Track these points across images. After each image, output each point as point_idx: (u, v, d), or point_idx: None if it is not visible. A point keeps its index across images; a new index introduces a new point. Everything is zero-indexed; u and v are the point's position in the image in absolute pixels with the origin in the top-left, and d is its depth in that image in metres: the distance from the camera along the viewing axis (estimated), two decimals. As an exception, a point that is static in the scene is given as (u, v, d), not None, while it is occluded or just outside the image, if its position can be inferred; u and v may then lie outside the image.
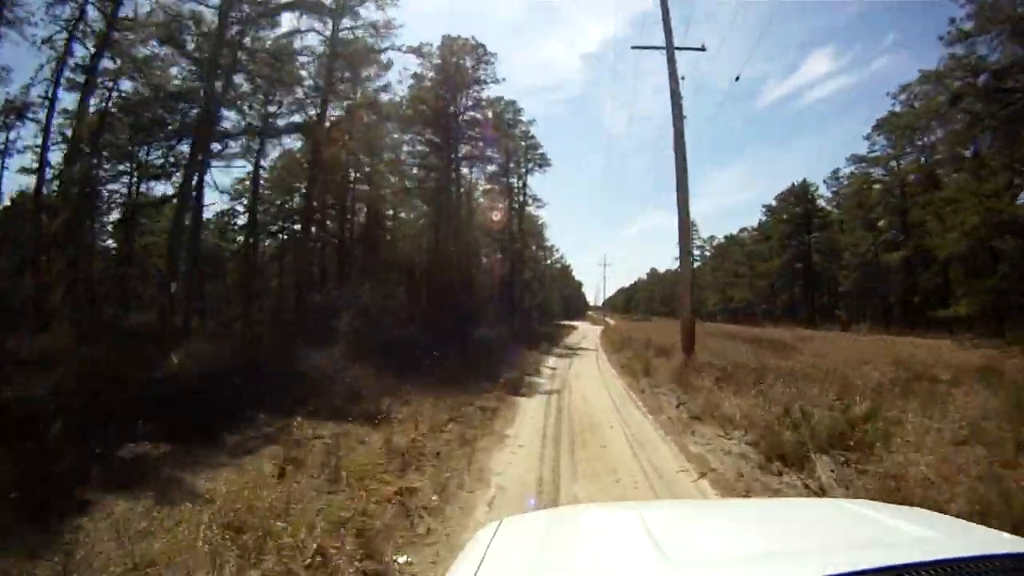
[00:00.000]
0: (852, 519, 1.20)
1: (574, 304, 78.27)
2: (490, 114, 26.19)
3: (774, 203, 40.54)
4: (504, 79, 31.83)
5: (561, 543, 1.10)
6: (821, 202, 38.48)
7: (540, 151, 35.09)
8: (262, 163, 23.01)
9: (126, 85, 17.18)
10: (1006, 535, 1.02)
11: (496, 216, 31.96)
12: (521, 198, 35.49)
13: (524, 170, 35.13)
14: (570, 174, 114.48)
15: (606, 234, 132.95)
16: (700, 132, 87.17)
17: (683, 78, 13.17)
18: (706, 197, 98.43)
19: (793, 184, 36.92)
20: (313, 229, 27.52)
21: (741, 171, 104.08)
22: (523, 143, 34.08)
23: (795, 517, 1.30)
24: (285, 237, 31.07)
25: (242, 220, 27.81)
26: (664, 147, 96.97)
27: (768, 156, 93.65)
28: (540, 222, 47.67)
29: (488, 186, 32.42)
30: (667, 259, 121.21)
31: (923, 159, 27.76)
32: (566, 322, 56.03)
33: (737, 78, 12.49)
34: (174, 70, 17.59)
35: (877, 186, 32.44)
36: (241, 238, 28.68)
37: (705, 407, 7.36)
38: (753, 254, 41.06)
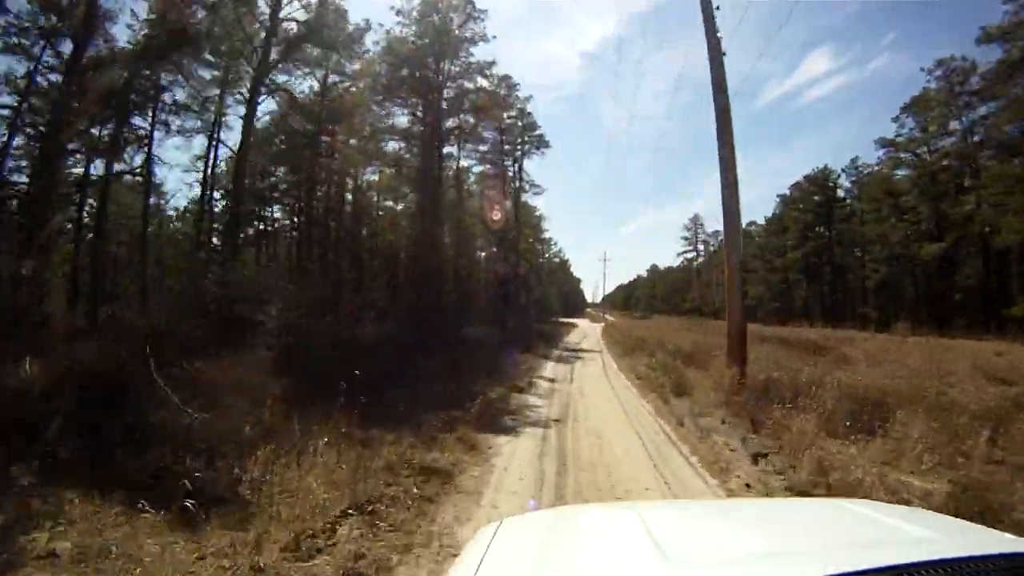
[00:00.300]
0: (852, 519, 1.19)
1: (573, 301, 75.25)
2: (480, 81, 22.95)
3: (788, 192, 37.47)
4: (495, 36, 28.08)
5: (561, 543, 1.08)
6: (840, 192, 35.50)
7: (538, 131, 31.88)
8: (222, 136, 19.87)
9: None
10: (1006, 535, 1.01)
11: (493, 211, 28.86)
12: (517, 183, 32.30)
13: (520, 152, 31.92)
14: (569, 173, 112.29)
15: (604, 233, 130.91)
16: (696, 134, 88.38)
17: (718, 8, 10.01)
18: (701, 199, 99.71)
19: (814, 169, 33.78)
20: (268, 210, 24.34)
21: (738, 171, 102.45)
22: (519, 122, 30.89)
23: (795, 517, 1.30)
24: (263, 226, 27.96)
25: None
26: (663, 145, 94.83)
27: (764, 157, 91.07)
28: (537, 213, 44.55)
29: (481, 167, 29.29)
30: (667, 256, 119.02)
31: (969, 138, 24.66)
32: (565, 319, 53.23)
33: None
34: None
35: (906, 171, 29.40)
36: (219, 227, 25.69)
37: (810, 467, 4.26)
38: (767, 247, 37.93)
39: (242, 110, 19.33)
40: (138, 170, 18.37)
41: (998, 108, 20.92)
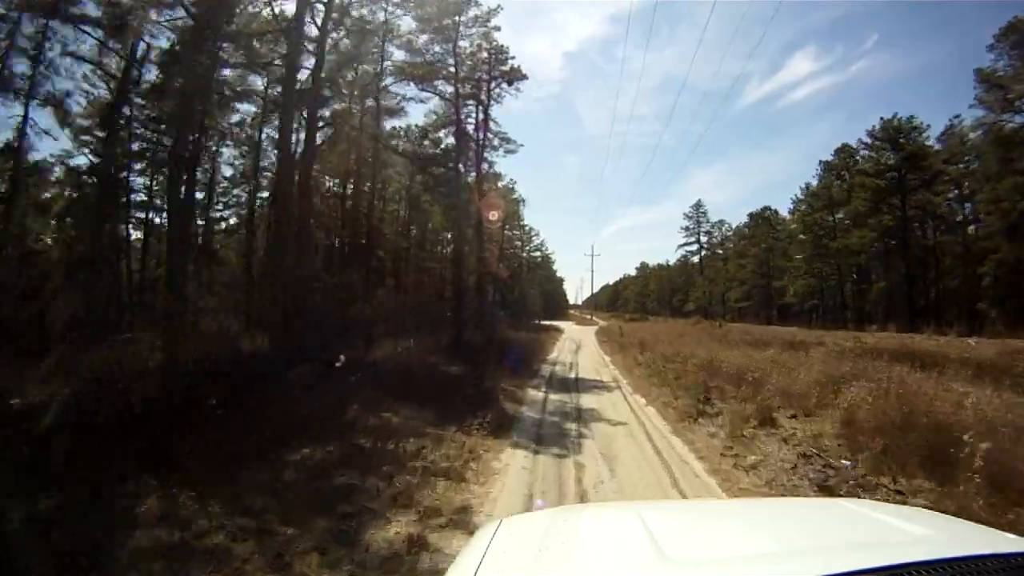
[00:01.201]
0: (852, 519, 1.17)
1: (555, 301, 66.36)
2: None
3: (835, 156, 29.24)
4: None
5: (561, 543, 1.04)
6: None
7: (510, 62, 22.85)
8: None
9: None
10: (1006, 535, 1.01)
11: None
12: (481, 135, 23.25)
13: (485, 91, 22.87)
14: (551, 172, 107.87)
15: (587, 236, 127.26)
16: (684, 133, 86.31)
17: None
18: (689, 195, 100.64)
19: (885, 119, 25.36)
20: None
21: (718, 171, 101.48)
22: (485, 49, 21.88)
23: (795, 517, 1.27)
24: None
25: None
26: (648, 144, 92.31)
27: (745, 155, 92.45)
28: (515, 196, 35.56)
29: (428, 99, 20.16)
30: (655, 257, 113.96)
31: None
32: (547, 322, 44.58)
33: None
34: None
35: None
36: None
37: None
38: (816, 227, 29.28)
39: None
40: None
41: None
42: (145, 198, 16.73)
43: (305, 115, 12.73)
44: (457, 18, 18.56)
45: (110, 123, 13.50)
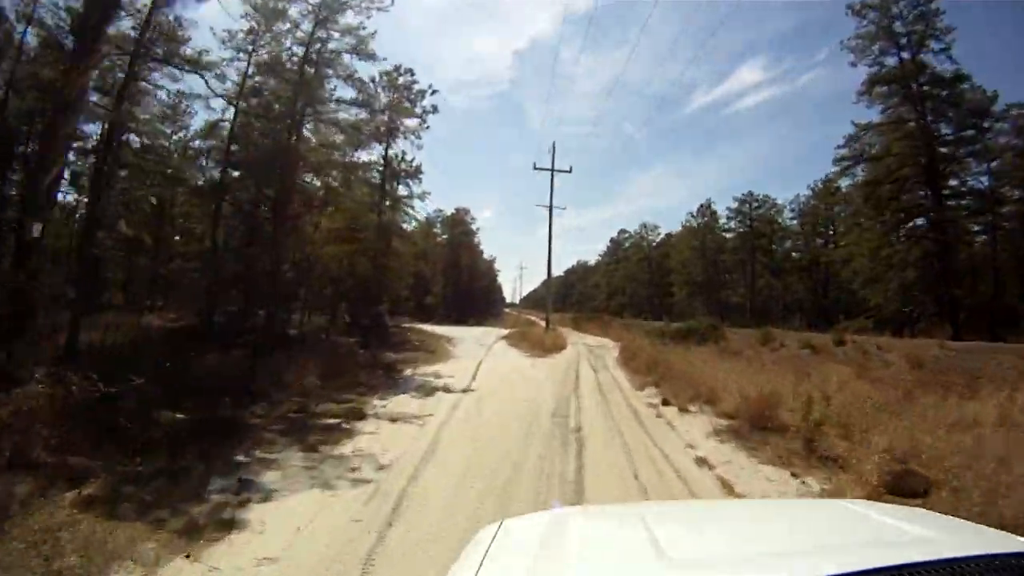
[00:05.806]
0: (852, 519, 1.18)
1: (481, 295, 44.30)
2: None
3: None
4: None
5: (562, 544, 1.05)
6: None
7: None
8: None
9: None
10: (1006, 535, 0.99)
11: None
12: None
13: None
14: (495, 172, 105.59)
15: (523, 239, 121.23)
16: (625, 138, 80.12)
17: None
18: (629, 199, 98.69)
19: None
20: None
21: (658, 176, 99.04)
22: None
23: (795, 517, 1.28)
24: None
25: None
26: (593, 146, 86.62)
27: (687, 161, 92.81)
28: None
29: None
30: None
31: None
32: (446, 330, 23.11)
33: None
34: None
35: None
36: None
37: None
38: None
39: None
40: None
41: None
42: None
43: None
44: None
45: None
